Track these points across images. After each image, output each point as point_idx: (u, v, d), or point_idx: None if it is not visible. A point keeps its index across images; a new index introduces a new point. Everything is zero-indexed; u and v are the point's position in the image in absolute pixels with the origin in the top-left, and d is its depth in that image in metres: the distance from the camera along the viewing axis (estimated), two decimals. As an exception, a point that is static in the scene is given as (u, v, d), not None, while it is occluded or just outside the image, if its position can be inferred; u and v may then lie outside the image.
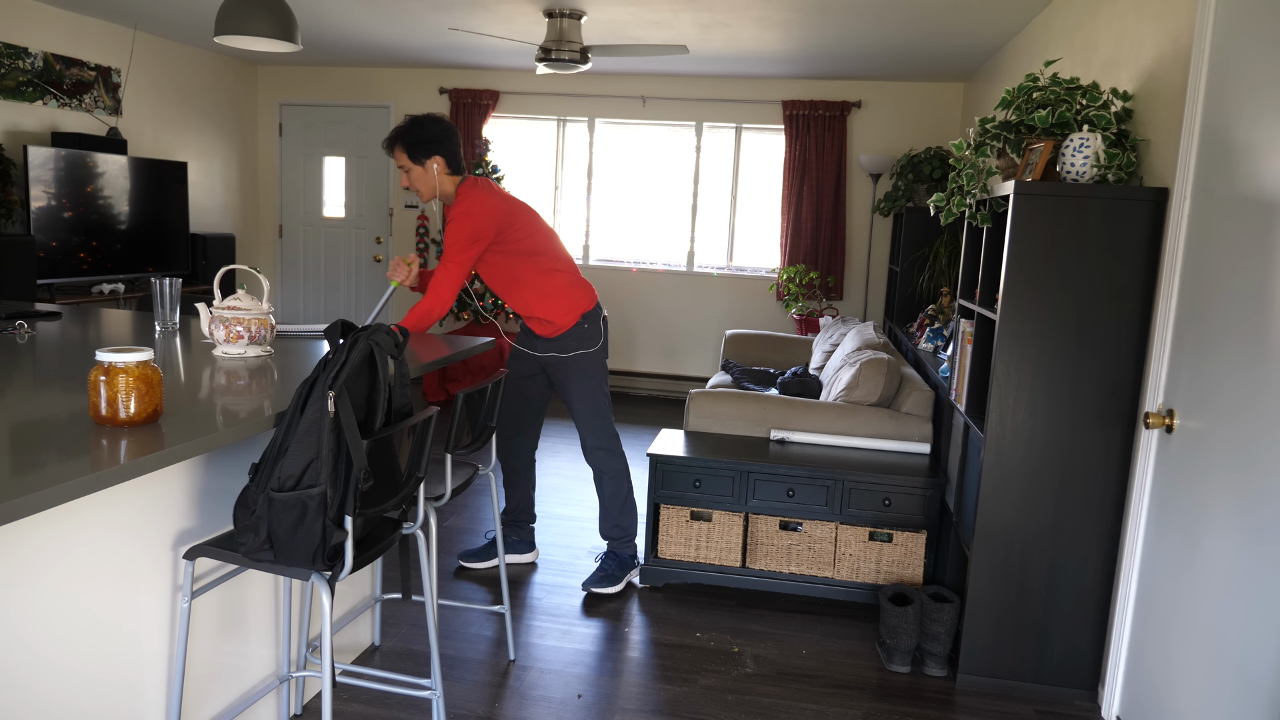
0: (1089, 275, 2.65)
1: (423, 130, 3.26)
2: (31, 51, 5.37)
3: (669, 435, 3.76)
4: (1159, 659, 2.40)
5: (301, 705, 2.59)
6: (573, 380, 3.48)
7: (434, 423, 2.06)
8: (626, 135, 7.20)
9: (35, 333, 2.74)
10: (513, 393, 3.62)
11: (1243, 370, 2.04)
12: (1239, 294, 2.09)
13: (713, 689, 2.82)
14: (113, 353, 1.68)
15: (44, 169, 5.14)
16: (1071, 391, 2.71)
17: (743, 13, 4.81)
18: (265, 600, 2.40)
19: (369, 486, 1.80)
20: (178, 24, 5.90)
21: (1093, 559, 2.76)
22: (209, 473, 2.12)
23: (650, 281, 7.26)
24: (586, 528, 4.17)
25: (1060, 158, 2.72)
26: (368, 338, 1.85)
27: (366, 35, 5.99)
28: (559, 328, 3.44)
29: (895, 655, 2.99)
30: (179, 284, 2.87)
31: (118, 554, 1.86)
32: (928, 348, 4.63)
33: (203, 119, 6.96)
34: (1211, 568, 2.13)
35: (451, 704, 2.65)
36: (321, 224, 7.71)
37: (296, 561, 1.80)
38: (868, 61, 6.01)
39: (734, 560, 3.49)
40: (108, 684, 1.86)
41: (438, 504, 2.37)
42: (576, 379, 3.47)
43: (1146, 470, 2.55)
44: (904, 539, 3.37)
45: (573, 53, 4.94)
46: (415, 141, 3.25)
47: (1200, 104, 2.38)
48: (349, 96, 7.47)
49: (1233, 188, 2.16)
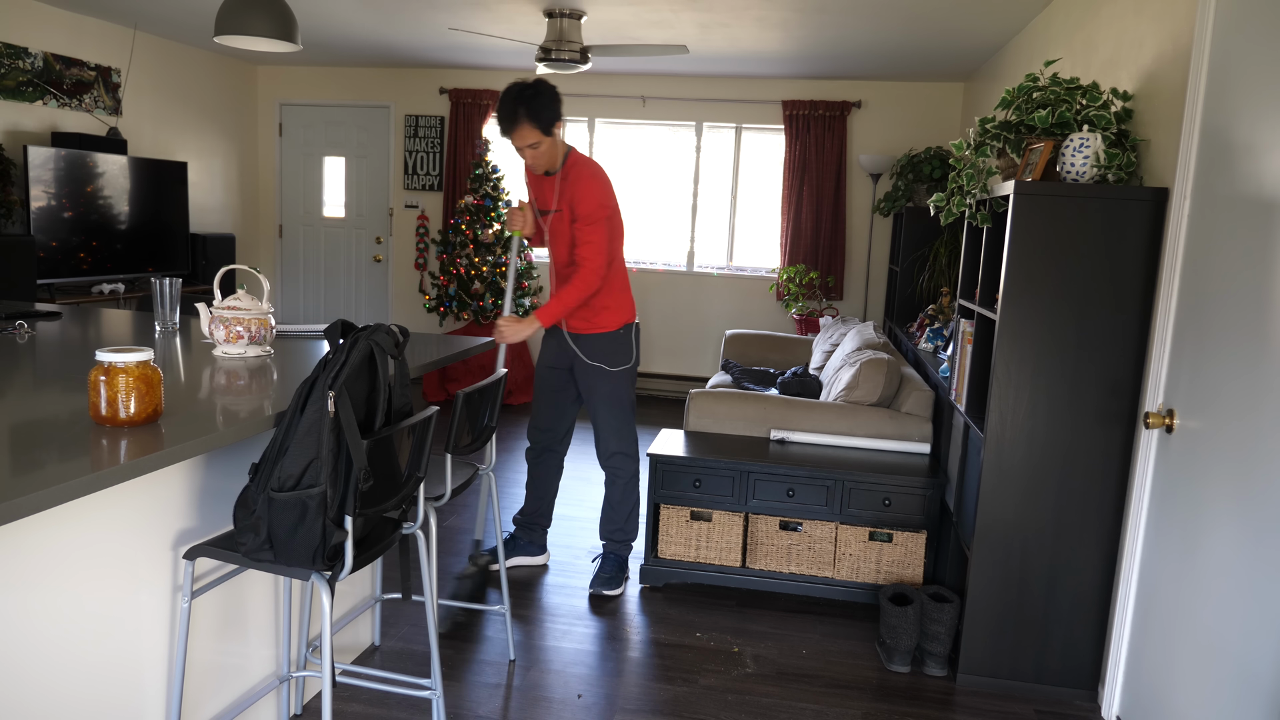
0: (1089, 275, 2.65)
1: (547, 98, 3.04)
2: (31, 51, 5.38)
3: (669, 435, 3.76)
4: (1159, 659, 2.40)
5: (301, 705, 2.59)
6: (600, 380, 3.40)
7: (434, 423, 2.06)
8: (626, 135, 7.20)
9: (35, 333, 2.74)
10: (547, 387, 3.51)
11: (1243, 370, 2.04)
12: (1239, 294, 2.09)
13: (713, 689, 2.82)
14: (113, 353, 1.68)
15: (44, 169, 5.14)
16: (1071, 391, 2.71)
17: (743, 13, 4.81)
18: (265, 600, 2.40)
19: (369, 486, 1.80)
20: (178, 24, 5.90)
21: (1093, 559, 2.76)
22: (209, 473, 2.11)
23: (650, 281, 7.26)
24: (587, 527, 4.17)
25: (1060, 158, 2.72)
26: (368, 338, 1.85)
27: (366, 35, 5.99)
28: (603, 326, 3.35)
29: (895, 655, 2.99)
30: (179, 284, 2.87)
31: (118, 554, 1.86)
32: (928, 348, 4.63)
33: (203, 119, 6.96)
34: (1211, 568, 2.13)
35: (451, 704, 2.65)
36: (321, 224, 7.71)
37: (296, 561, 1.79)
38: (867, 61, 6.00)
39: (734, 560, 3.49)
40: (108, 684, 1.86)
41: (438, 504, 2.37)
42: (603, 380, 3.39)
43: (1146, 470, 2.55)
44: (904, 539, 3.37)
45: (573, 53, 4.94)
46: (544, 111, 3.03)
47: (1200, 104, 2.38)
48: (349, 96, 7.47)
49: (1233, 188, 2.16)
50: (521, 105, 3.02)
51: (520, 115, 3.03)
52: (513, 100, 3.04)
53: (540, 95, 3.03)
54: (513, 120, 3.04)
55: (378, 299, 7.67)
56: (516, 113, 3.03)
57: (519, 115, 3.03)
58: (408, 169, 7.42)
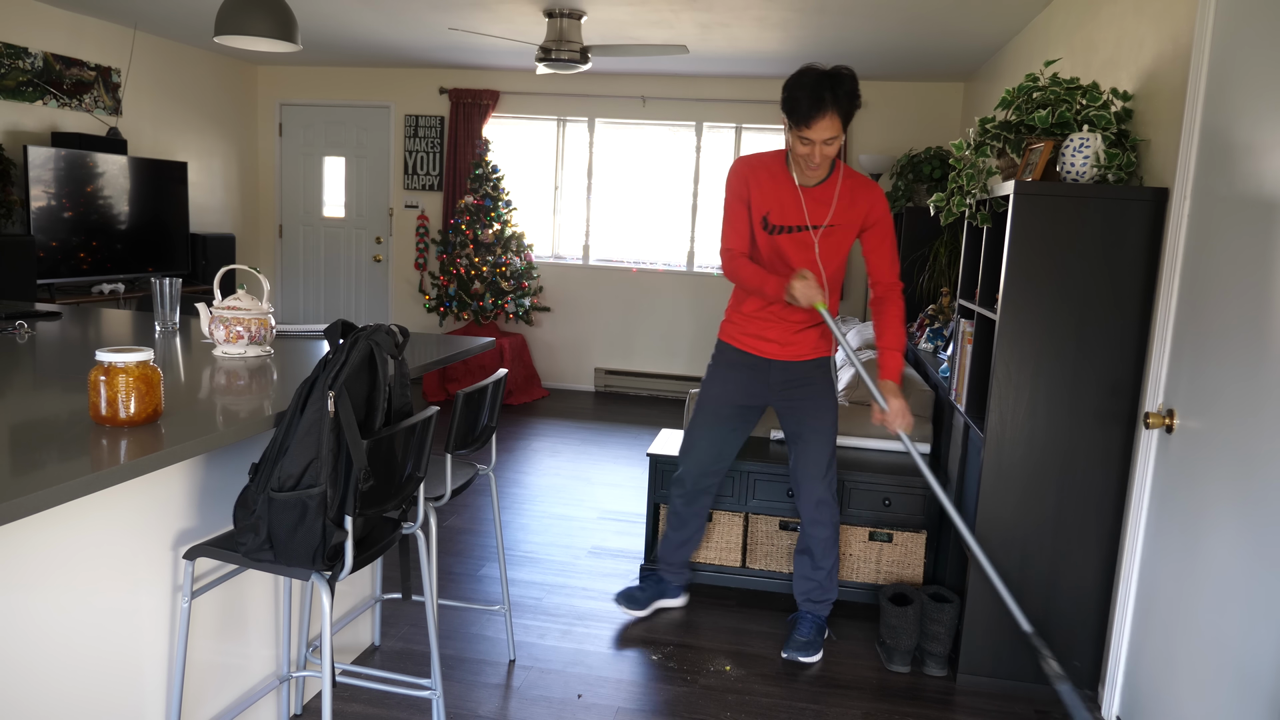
0: (1089, 275, 2.65)
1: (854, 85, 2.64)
2: (31, 51, 5.38)
3: (669, 435, 3.75)
4: (1159, 659, 2.40)
5: (301, 705, 2.59)
6: (825, 414, 2.99)
7: (434, 423, 2.06)
8: (626, 135, 7.20)
9: (35, 333, 2.74)
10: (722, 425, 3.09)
11: (1243, 370, 2.04)
12: (1239, 294, 2.09)
13: (713, 689, 2.82)
14: (113, 353, 1.68)
15: (44, 169, 5.14)
16: (1071, 391, 2.71)
17: (743, 13, 4.81)
18: (265, 600, 2.40)
19: (369, 486, 1.80)
20: (178, 24, 5.90)
21: (1093, 559, 2.76)
22: (209, 473, 2.11)
23: (650, 281, 7.26)
24: (586, 528, 4.17)
25: (1060, 158, 2.72)
26: (367, 338, 1.85)
27: (366, 35, 5.99)
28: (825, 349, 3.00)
29: (895, 655, 2.99)
30: (179, 284, 2.87)
31: (118, 554, 1.86)
32: (928, 348, 4.63)
33: (203, 119, 6.96)
34: (1211, 568, 2.13)
35: (451, 704, 2.65)
36: (321, 224, 7.71)
37: (296, 561, 1.79)
38: (867, 61, 6.00)
39: (734, 560, 3.49)
40: (108, 683, 1.86)
41: (438, 504, 2.37)
42: (827, 414, 3.00)
43: (1146, 470, 2.55)
44: (904, 539, 3.37)
45: (573, 53, 4.94)
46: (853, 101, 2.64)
47: (1200, 104, 2.37)
48: (349, 96, 7.47)
49: (1233, 188, 2.16)
50: (828, 91, 2.57)
51: (827, 103, 2.57)
52: (819, 85, 2.58)
53: (847, 80, 2.61)
54: (818, 108, 2.56)
55: (378, 299, 7.67)
56: (823, 100, 2.56)
57: (825, 103, 2.57)
58: (408, 169, 7.42)
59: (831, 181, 2.83)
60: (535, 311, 7.25)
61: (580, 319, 7.36)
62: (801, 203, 2.84)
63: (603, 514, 4.38)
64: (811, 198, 2.84)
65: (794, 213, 2.85)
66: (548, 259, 7.38)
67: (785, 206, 2.85)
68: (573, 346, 7.40)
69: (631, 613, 3.26)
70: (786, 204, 2.85)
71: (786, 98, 2.64)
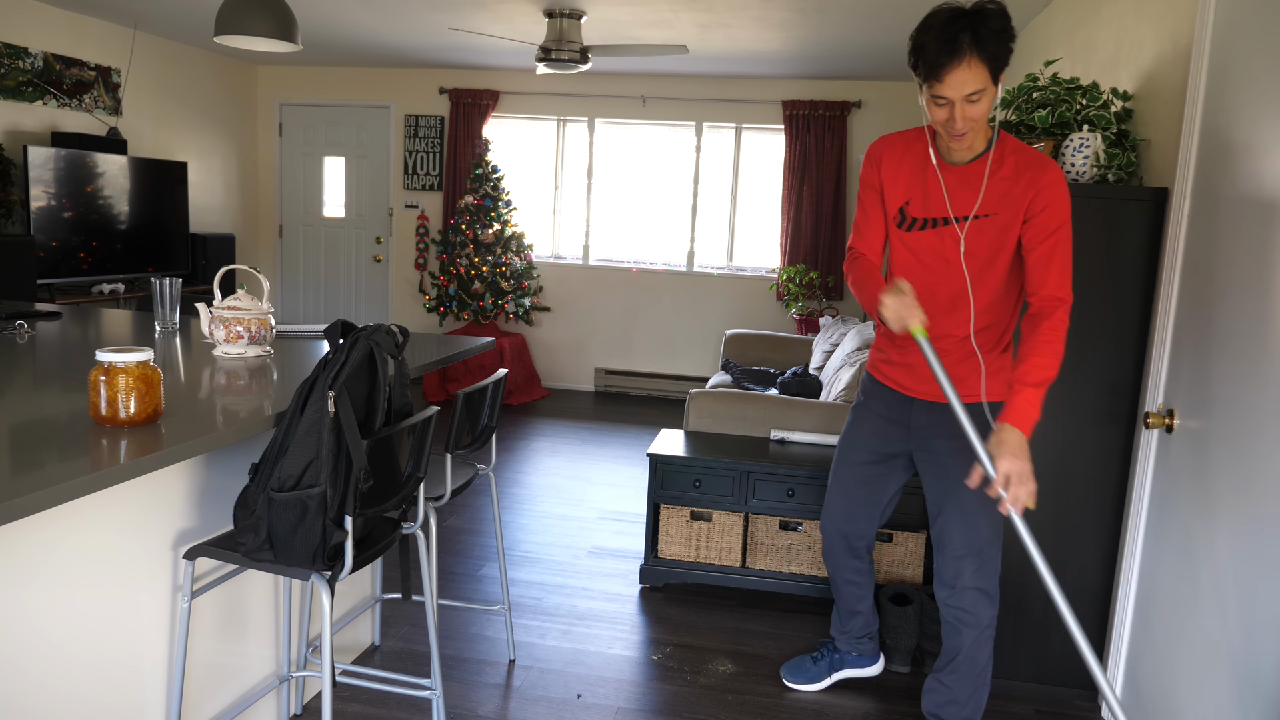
0: (1089, 275, 2.65)
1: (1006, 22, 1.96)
2: (31, 51, 5.38)
3: (669, 435, 3.76)
4: (1159, 659, 2.40)
5: (301, 705, 2.59)
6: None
7: (434, 423, 2.06)
8: (626, 135, 7.20)
9: (35, 333, 2.74)
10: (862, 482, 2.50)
11: (1243, 370, 2.04)
12: (1239, 294, 2.09)
13: (713, 689, 2.82)
14: (113, 353, 1.68)
15: (44, 169, 5.14)
16: (1071, 391, 2.70)
17: (742, 13, 4.81)
18: (265, 600, 2.40)
19: (369, 486, 1.80)
20: (178, 24, 5.90)
21: (1093, 559, 2.76)
22: (209, 473, 2.12)
23: (650, 281, 7.26)
24: (586, 528, 4.17)
25: (1060, 158, 2.72)
26: (367, 338, 1.85)
27: (366, 35, 5.99)
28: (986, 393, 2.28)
29: (895, 655, 2.99)
30: (179, 284, 2.87)
31: (118, 554, 1.86)
32: (928, 348, 4.63)
33: (203, 119, 6.96)
34: (1212, 568, 2.13)
35: (451, 704, 2.65)
36: (321, 224, 7.71)
37: (296, 561, 1.80)
38: (868, 61, 6.01)
39: (734, 560, 3.49)
40: (108, 683, 1.86)
41: (438, 504, 2.37)
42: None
43: (1146, 470, 2.55)
44: (904, 539, 3.36)
45: (573, 53, 4.94)
46: (1002, 44, 1.95)
47: (1200, 104, 2.38)
48: (349, 96, 7.47)
49: (1233, 188, 2.16)
50: (966, 32, 1.91)
51: (964, 46, 1.91)
52: (953, 24, 1.93)
53: (994, 16, 1.94)
54: (952, 53, 1.91)
55: (378, 299, 7.67)
56: (958, 43, 1.91)
57: (962, 46, 1.91)
58: (408, 169, 7.42)
59: (999, 155, 2.12)
60: (535, 311, 7.26)
61: (580, 319, 7.37)
62: (943, 187, 2.16)
63: (603, 514, 4.38)
64: (956, 178, 2.14)
65: (935, 201, 2.18)
66: (548, 259, 7.38)
67: (928, 193, 2.19)
68: (573, 346, 7.40)
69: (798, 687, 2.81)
70: (930, 190, 2.19)
71: (912, 47, 2.00)
